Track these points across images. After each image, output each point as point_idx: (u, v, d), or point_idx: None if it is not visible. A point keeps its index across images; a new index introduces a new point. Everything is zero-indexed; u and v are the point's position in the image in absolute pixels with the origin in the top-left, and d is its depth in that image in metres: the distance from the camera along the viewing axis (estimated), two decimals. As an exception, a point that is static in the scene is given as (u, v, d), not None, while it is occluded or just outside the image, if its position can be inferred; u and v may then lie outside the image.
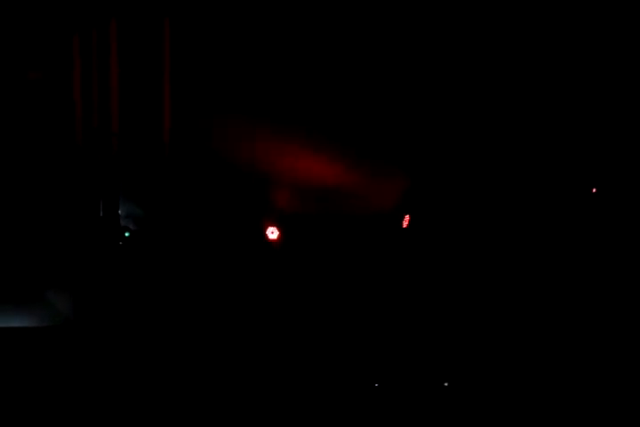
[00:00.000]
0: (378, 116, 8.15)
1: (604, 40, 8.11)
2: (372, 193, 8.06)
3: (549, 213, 8.17)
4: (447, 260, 8.10)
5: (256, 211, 8.08)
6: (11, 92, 7.99)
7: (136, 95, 8.09)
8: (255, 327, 7.76)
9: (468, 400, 7.31)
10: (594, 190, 8.18)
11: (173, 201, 8.08)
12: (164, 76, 8.04)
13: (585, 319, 7.82)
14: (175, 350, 7.56)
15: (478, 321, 7.85)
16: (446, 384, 7.44)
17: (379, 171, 8.11)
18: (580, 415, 7.11)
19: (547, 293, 7.96)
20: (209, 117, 8.00)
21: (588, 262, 8.05)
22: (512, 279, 8.03)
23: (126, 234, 8.00)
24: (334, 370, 7.47)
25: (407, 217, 8.15)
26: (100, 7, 7.95)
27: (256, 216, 8.06)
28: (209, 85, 8.03)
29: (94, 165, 7.99)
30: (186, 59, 8.01)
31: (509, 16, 8.04)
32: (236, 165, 8.02)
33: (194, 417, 7.08)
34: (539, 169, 8.20)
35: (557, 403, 7.22)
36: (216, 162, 8.01)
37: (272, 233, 8.04)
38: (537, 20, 8.05)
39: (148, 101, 8.10)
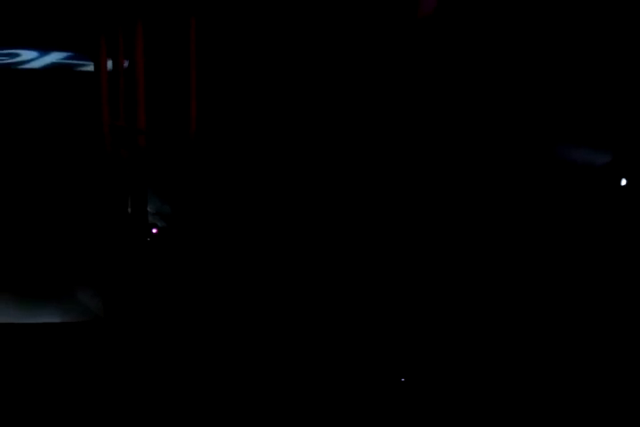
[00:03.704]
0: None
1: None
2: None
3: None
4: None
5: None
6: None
7: (162, 94, 8.19)
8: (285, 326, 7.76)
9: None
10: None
11: (200, 198, 8.15)
12: (191, 74, 8.14)
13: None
14: (205, 348, 7.58)
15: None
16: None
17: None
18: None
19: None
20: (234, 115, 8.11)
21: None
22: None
23: (154, 231, 8.05)
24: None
25: None
26: (126, 9, 8.06)
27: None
28: (234, 84, 8.14)
29: (122, 163, 8.07)
30: (212, 57, 8.12)
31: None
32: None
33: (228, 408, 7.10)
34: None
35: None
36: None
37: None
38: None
39: (174, 100, 8.19)
